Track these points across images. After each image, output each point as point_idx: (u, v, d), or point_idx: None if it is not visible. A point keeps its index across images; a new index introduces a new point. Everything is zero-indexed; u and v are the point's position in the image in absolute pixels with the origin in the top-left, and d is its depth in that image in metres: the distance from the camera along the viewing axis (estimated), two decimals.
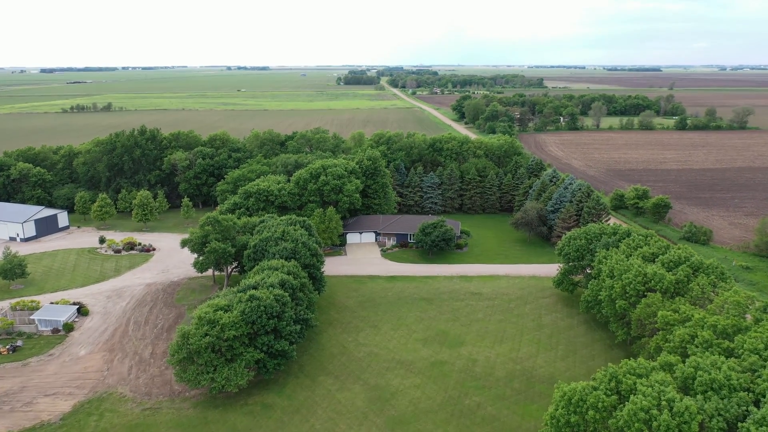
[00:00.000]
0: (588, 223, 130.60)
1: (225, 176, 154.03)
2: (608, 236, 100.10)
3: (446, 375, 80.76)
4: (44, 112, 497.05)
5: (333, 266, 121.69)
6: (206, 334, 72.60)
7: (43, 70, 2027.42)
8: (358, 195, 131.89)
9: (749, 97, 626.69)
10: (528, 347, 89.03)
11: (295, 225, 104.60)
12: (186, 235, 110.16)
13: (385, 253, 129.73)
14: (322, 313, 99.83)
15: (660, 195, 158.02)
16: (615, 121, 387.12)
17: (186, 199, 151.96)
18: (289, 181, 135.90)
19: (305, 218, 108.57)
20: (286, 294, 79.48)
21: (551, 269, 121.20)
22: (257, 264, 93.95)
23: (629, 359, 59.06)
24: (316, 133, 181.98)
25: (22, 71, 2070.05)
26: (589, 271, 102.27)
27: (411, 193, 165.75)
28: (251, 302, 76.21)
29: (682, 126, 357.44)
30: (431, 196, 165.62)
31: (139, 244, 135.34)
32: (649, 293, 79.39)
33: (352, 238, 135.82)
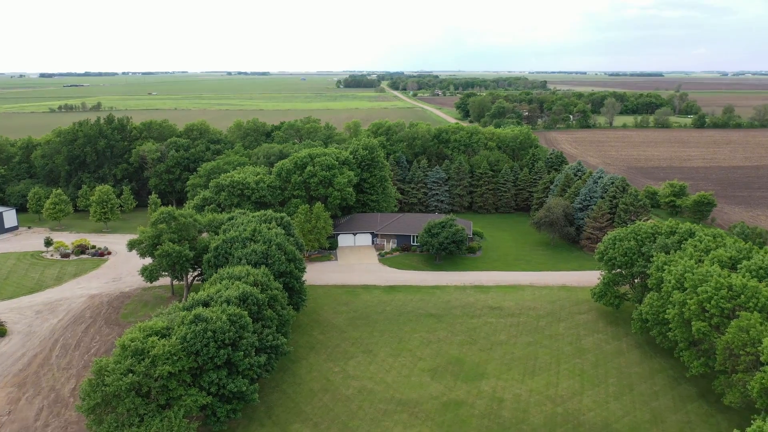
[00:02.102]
0: (625, 222, 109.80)
1: (198, 169, 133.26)
2: (665, 236, 79.10)
3: (464, 422, 59.68)
4: (30, 111, 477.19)
5: (320, 273, 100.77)
6: (130, 371, 51.62)
7: (42, 75, 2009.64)
8: (351, 189, 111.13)
9: (761, 99, 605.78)
10: (568, 381, 67.94)
11: (269, 222, 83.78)
12: (136, 236, 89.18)
13: (384, 258, 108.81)
14: (301, 334, 78.80)
15: (701, 191, 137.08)
16: (628, 119, 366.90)
17: (154, 196, 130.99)
18: (270, 173, 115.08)
19: (283, 214, 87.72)
20: (245, 313, 58.44)
21: (584, 278, 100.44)
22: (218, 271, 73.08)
23: (756, 417, 37.97)
24: (306, 122, 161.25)
25: (21, 76, 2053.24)
26: (639, 281, 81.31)
27: (413, 190, 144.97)
28: (195, 325, 55.25)
29: (700, 124, 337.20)
30: (437, 193, 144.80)
31: (93, 246, 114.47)
32: (740, 312, 58.33)
33: (344, 240, 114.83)
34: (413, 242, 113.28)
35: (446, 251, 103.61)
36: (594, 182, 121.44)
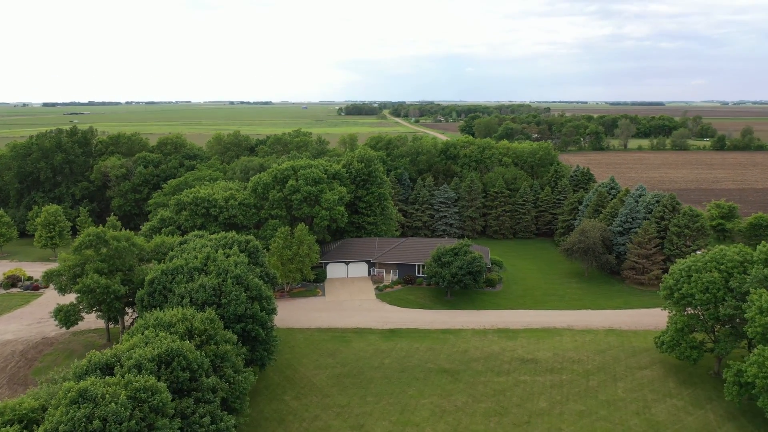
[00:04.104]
0: (678, 248, 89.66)
1: (163, 185, 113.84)
2: (761, 265, 58.56)
3: None
4: (20, 136, 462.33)
5: (301, 313, 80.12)
6: None
7: (45, 104, 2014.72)
8: (342, 208, 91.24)
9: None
10: None
11: (229, 247, 63.63)
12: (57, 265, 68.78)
13: (382, 293, 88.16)
14: (268, 399, 57.85)
15: (758, 213, 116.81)
16: (642, 142, 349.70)
17: (112, 218, 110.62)
18: (246, 189, 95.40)
19: (250, 237, 67.66)
20: (164, 386, 37.83)
21: (635, 318, 79.78)
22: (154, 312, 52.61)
23: None
24: (295, 136, 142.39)
25: (24, 105, 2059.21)
26: (725, 326, 60.55)
27: (418, 212, 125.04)
28: (76, 408, 34.64)
29: (720, 146, 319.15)
30: (445, 215, 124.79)
31: (29, 278, 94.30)
32: None
33: (334, 270, 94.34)
34: (418, 273, 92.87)
35: (460, 284, 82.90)
36: (635, 201, 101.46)
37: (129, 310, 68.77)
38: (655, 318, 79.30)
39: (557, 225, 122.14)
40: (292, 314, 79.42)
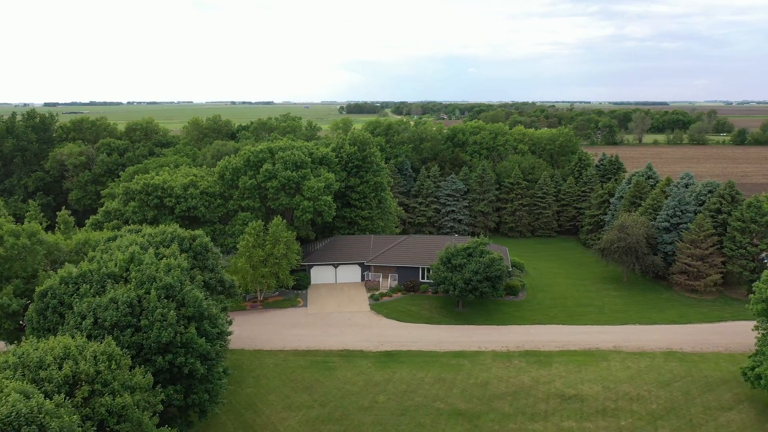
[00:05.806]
0: (743, 247, 72.97)
1: (120, 173, 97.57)
2: None
3: None
4: None
5: (274, 329, 63.44)
6: None
7: (46, 104, 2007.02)
8: (330, 198, 74.51)
9: None
10: None
11: (166, 245, 47.05)
12: None
13: (378, 303, 71.39)
14: None
15: None
16: (658, 137, 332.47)
17: (64, 212, 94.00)
18: (213, 175, 78.74)
19: (200, 233, 51.13)
20: None
21: (699, 336, 63.05)
22: (50, 335, 36.09)
23: None
24: (283, 120, 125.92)
25: (25, 105, 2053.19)
26: None
27: (421, 206, 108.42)
28: None
29: (741, 140, 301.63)
30: (453, 210, 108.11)
31: None
32: None
33: (319, 274, 77.55)
34: (423, 278, 76.14)
35: (475, 293, 66.00)
36: (682, 190, 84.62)
37: None
38: (723, 336, 62.62)
39: (583, 221, 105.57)
40: (263, 331, 62.85)
